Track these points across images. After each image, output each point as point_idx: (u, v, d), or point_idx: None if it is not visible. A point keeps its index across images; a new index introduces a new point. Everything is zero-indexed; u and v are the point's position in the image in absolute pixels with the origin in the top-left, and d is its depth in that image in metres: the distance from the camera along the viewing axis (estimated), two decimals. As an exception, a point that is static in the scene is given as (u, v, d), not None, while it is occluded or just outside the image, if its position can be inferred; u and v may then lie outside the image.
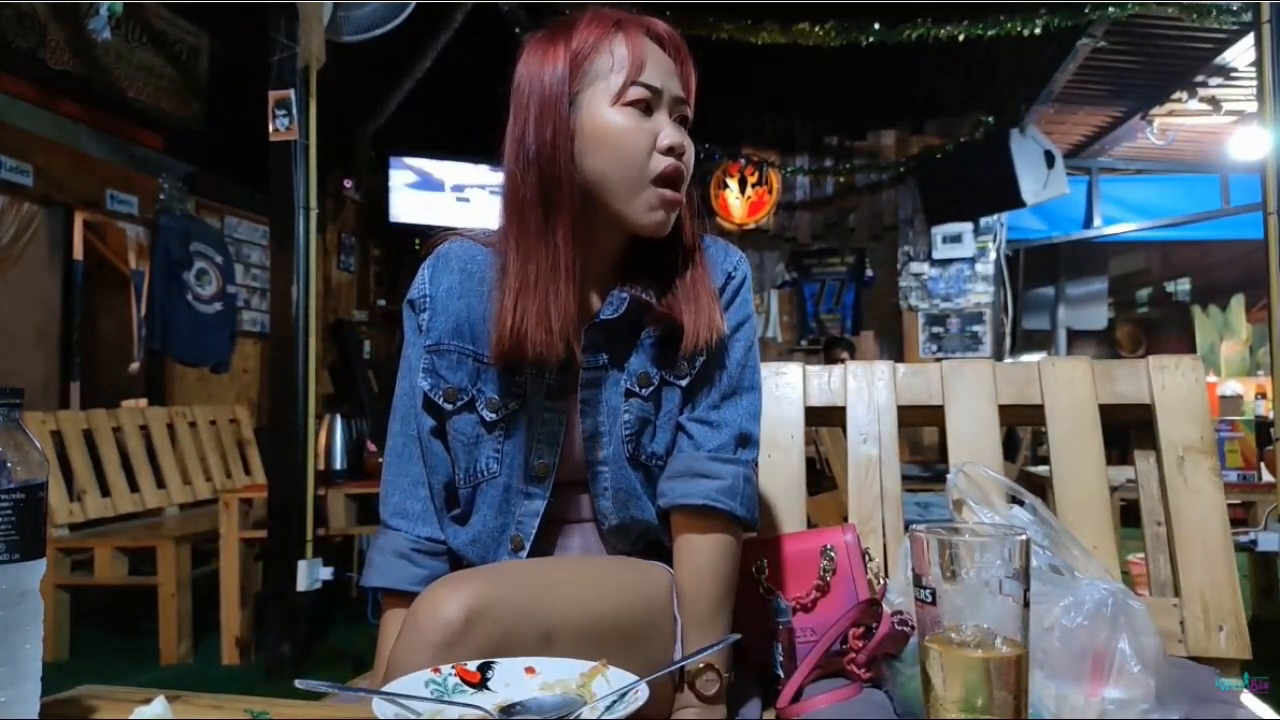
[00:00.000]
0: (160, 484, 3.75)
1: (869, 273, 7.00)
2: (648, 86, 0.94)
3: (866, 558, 1.11)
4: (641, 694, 0.69)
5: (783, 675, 1.00)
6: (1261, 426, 3.60)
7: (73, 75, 4.32)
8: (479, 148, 6.00)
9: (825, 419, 1.45)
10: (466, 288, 1.02)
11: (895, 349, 6.76)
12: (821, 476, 3.97)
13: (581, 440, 1.00)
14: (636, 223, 0.95)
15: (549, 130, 0.93)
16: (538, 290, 0.93)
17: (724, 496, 0.96)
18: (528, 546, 1.00)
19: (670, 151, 0.94)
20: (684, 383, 1.01)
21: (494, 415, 1.00)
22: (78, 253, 4.55)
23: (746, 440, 1.01)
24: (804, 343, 7.06)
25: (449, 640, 0.78)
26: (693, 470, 0.98)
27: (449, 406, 1.01)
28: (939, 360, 1.91)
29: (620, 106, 0.93)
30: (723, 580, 0.97)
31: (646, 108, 0.94)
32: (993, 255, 6.59)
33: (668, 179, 0.94)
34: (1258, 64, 2.80)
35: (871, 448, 1.35)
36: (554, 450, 1.00)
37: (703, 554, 0.97)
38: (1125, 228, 7.12)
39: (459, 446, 1.01)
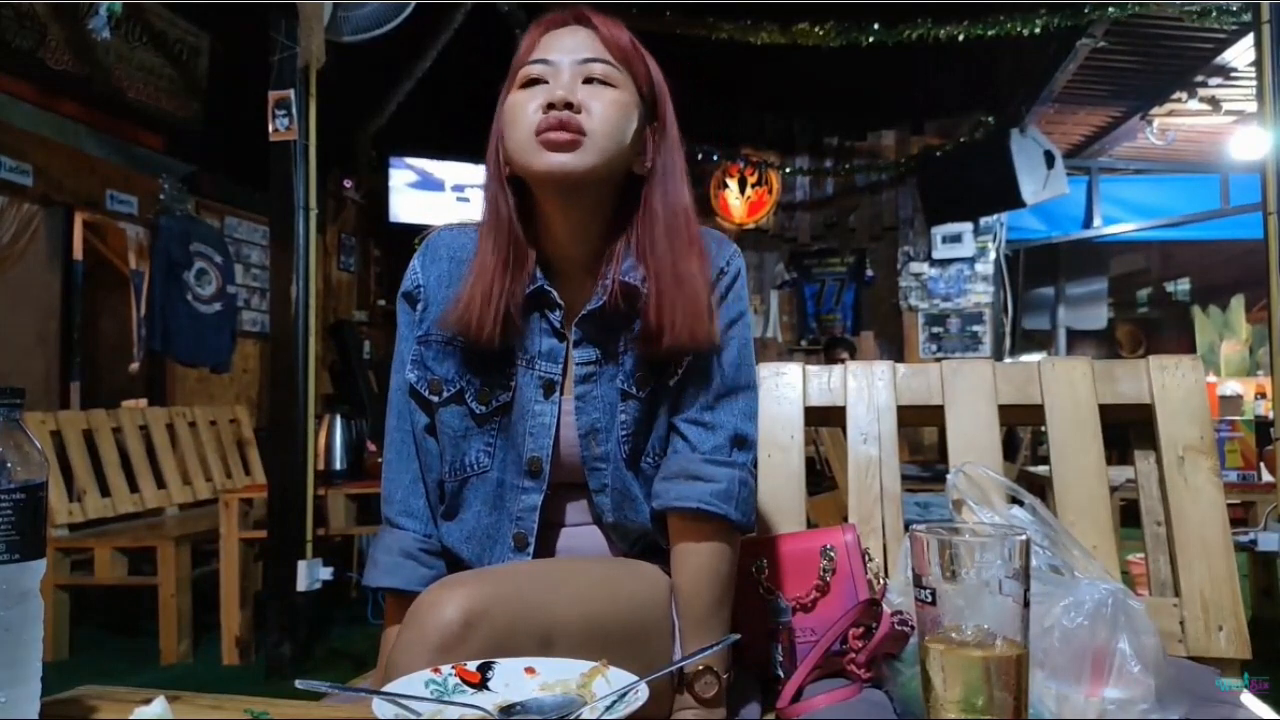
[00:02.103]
0: (160, 484, 3.75)
1: (869, 273, 7.00)
2: (538, 61, 0.96)
3: (866, 558, 1.11)
4: (641, 694, 0.69)
5: (783, 675, 1.00)
6: (1261, 426, 3.60)
7: (73, 75, 4.31)
8: (479, 148, 5.96)
9: (825, 419, 1.45)
10: (455, 275, 1.02)
11: (895, 349, 6.76)
12: (821, 476, 3.97)
13: (578, 437, 0.99)
14: (534, 177, 0.95)
15: (493, 129, 1.01)
16: (479, 274, 0.97)
17: (718, 500, 0.95)
18: (532, 544, 0.99)
19: (550, 108, 0.91)
20: (673, 383, 0.99)
21: (484, 408, 0.99)
22: (78, 253, 4.55)
23: (742, 442, 0.99)
24: (804, 343, 7.06)
25: (448, 642, 0.77)
26: (687, 473, 0.97)
27: (435, 398, 1.00)
28: (939, 360, 1.91)
29: (516, 90, 0.96)
30: (719, 584, 0.96)
31: (540, 81, 0.95)
32: (993, 255, 6.59)
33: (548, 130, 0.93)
34: (1258, 64, 2.80)
35: (871, 448, 1.35)
36: (548, 445, 0.99)
37: (698, 558, 0.96)
38: (1125, 228, 7.12)
39: (446, 440, 1.01)
